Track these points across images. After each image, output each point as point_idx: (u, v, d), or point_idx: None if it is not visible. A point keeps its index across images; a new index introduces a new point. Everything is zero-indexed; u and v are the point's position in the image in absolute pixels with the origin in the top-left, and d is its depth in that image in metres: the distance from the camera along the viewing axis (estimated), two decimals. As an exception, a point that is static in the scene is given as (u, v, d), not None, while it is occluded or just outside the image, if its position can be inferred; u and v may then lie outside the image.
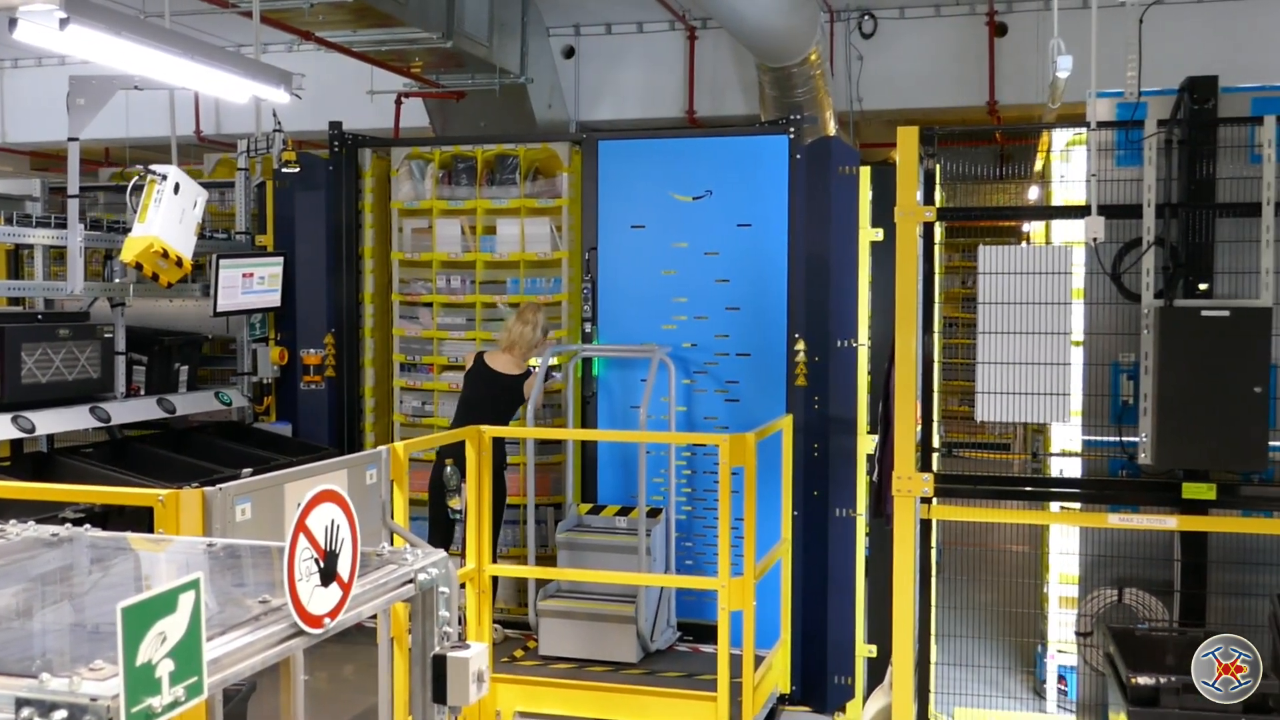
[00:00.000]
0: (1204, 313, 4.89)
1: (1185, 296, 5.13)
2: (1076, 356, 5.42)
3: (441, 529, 7.01)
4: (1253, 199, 5.04)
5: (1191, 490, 5.06)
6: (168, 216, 6.52)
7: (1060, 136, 6.52)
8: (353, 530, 2.25)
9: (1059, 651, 6.78)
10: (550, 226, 7.77)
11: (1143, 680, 4.52)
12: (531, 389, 7.06)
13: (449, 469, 6.55)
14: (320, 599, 2.16)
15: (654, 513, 6.95)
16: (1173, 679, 4.51)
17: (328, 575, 2.18)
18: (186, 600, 1.81)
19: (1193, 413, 4.89)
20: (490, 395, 7.10)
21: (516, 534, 7.66)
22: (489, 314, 7.90)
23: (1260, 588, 5.15)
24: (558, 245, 7.73)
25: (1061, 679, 6.73)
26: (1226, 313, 4.86)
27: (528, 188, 7.86)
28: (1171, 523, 5.10)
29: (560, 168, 7.77)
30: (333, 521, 2.20)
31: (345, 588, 2.23)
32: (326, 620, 2.17)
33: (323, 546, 2.17)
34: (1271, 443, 4.95)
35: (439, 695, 2.55)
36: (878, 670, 6.73)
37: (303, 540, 2.12)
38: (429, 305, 8.08)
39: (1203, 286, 5.15)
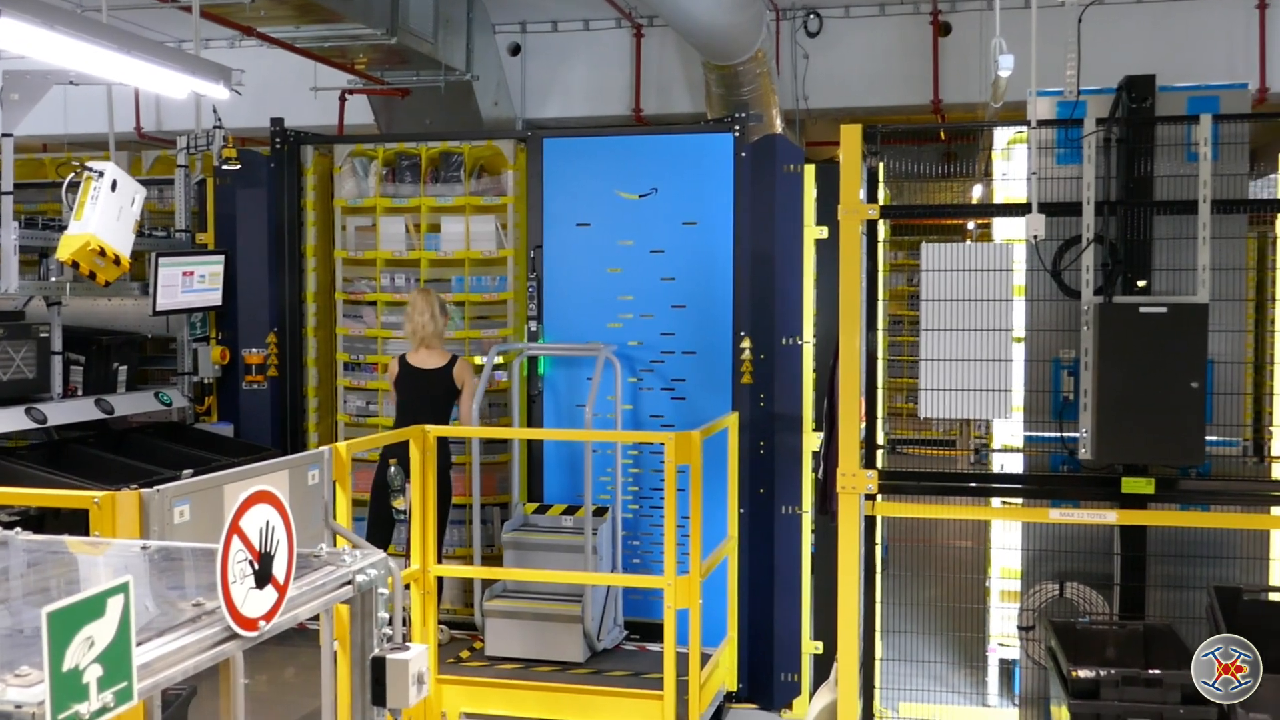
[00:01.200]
0: (1142, 309, 4.95)
1: (1124, 293, 5.19)
2: (1019, 353, 5.47)
3: (381, 529, 6.95)
4: (1189, 197, 5.11)
5: (1131, 485, 5.12)
6: (105, 214, 6.41)
7: (1002, 135, 6.58)
8: (288, 531, 2.22)
9: (1000, 645, 6.84)
10: (496, 224, 7.73)
11: (1083, 673, 4.56)
12: (464, 376, 7.01)
13: (393, 469, 6.49)
14: (255, 601, 2.13)
15: (600, 512, 6.95)
16: (1113, 671, 4.56)
17: (263, 577, 2.15)
18: (115, 604, 1.78)
19: (1132, 408, 4.95)
20: (422, 394, 7.03)
21: (462, 534, 7.62)
22: (434, 312, 7.83)
23: (1198, 580, 5.22)
24: (503, 243, 7.69)
25: (1005, 673, 6.79)
26: (1164, 309, 4.92)
27: (473, 185, 7.81)
28: (1111, 517, 5.16)
29: (505, 165, 7.73)
30: (267, 523, 2.17)
31: (281, 590, 2.20)
32: (261, 623, 2.14)
33: (257, 548, 2.14)
34: (1208, 437, 5.02)
35: (378, 698, 2.53)
36: (824, 667, 6.75)
37: (236, 542, 2.09)
38: (373, 304, 8.01)
39: (1141, 283, 5.21)
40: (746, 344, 7.09)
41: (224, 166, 7.60)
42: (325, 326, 8.20)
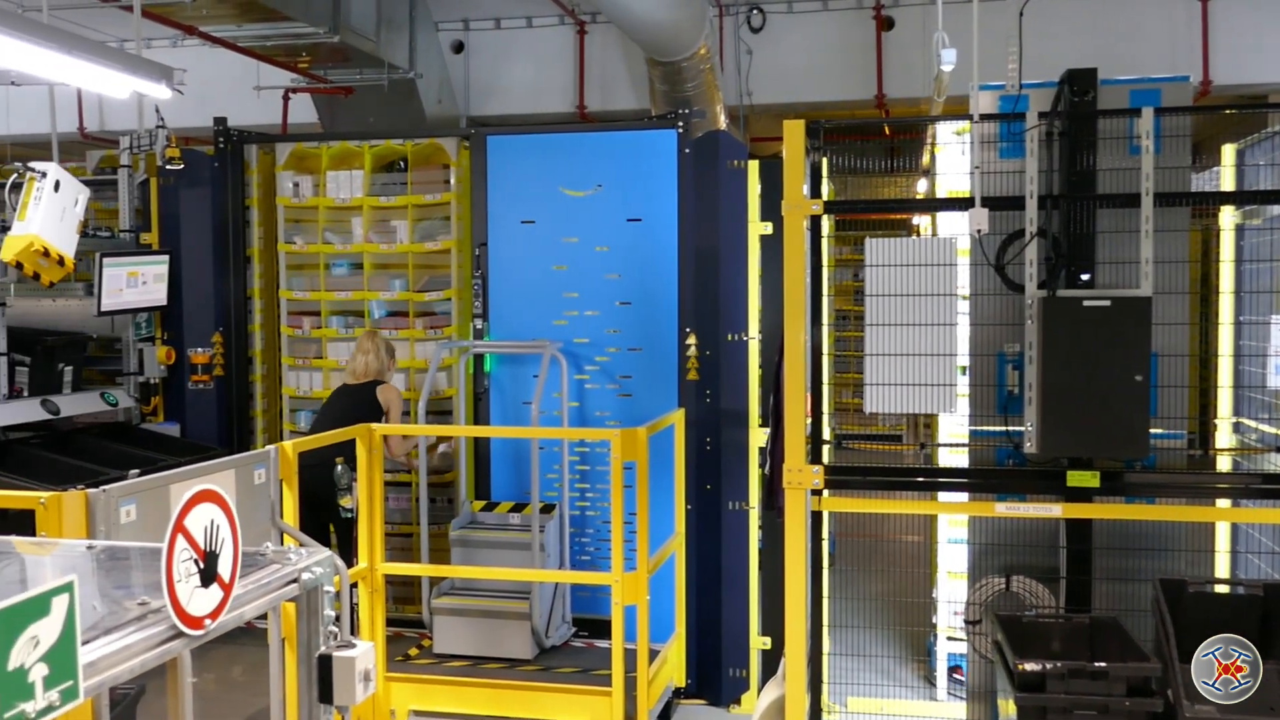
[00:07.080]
0: (1086, 303, 4.97)
1: (1068, 287, 5.23)
2: (964, 347, 5.50)
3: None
4: (1131, 190, 5.13)
5: (1076, 478, 5.14)
6: (48, 214, 6.32)
7: (945, 130, 6.62)
8: (233, 530, 2.20)
9: (949, 639, 6.89)
10: (439, 222, 7.69)
11: (1029, 666, 4.59)
12: (390, 399, 6.96)
13: (340, 467, 6.44)
14: (200, 600, 2.10)
15: (548, 509, 6.93)
16: (1058, 664, 4.60)
17: (208, 576, 2.12)
18: (60, 603, 1.76)
19: (1076, 402, 4.97)
20: (340, 409, 6.94)
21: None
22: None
23: (1143, 572, 5.26)
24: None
25: (958, 668, 6.84)
26: (1107, 303, 4.94)
27: (415, 184, 7.74)
28: (1056, 510, 5.18)
29: (448, 163, 7.67)
30: (212, 521, 2.15)
31: (226, 588, 2.18)
32: (207, 621, 2.12)
33: (202, 547, 2.11)
34: (1153, 430, 5.05)
35: (325, 695, 2.51)
36: (772, 662, 6.78)
37: (181, 541, 2.07)
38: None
39: (1085, 277, 5.26)
40: (692, 340, 7.10)
41: (167, 166, 7.52)
42: (269, 325, 8.11)
